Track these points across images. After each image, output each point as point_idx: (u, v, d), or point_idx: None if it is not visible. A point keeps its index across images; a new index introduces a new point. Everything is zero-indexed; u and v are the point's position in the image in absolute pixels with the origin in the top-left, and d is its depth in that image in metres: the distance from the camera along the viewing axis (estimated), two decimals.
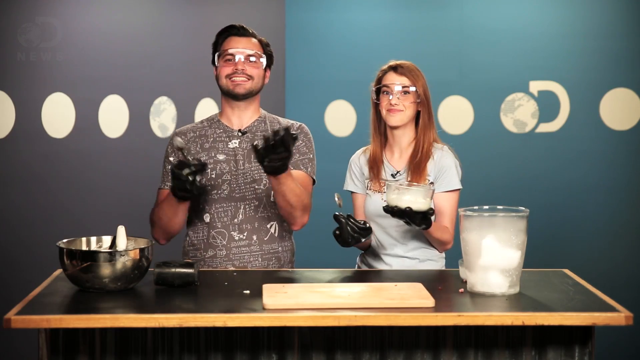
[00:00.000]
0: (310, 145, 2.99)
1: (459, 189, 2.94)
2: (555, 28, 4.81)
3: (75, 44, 3.84)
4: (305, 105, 4.95)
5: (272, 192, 2.89)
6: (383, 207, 2.65)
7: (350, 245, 2.74)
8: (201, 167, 2.62)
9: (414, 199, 2.59)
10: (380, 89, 2.94)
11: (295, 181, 2.74)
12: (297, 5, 4.95)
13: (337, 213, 2.71)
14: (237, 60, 2.87)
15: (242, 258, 2.88)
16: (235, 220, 2.88)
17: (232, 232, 2.88)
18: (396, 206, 2.60)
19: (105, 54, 3.98)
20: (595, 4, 4.78)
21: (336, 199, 2.71)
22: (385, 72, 2.95)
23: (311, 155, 2.98)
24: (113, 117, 4.04)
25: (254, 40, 2.94)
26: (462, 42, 4.86)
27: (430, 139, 2.95)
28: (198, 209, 2.91)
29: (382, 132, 3.00)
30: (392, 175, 2.96)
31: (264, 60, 2.92)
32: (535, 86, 4.83)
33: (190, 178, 2.60)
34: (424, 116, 2.95)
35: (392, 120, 2.91)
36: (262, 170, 2.82)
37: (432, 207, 2.65)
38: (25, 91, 3.63)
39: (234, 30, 2.93)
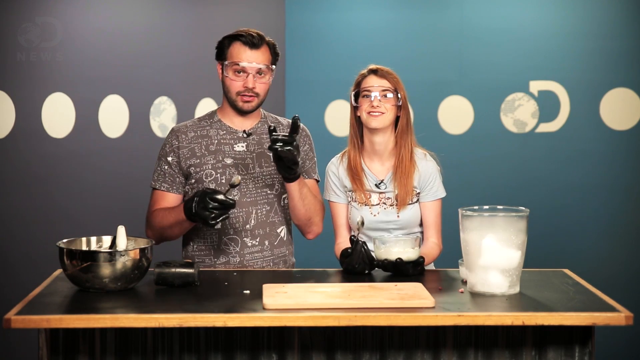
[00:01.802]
0: (314, 147, 3.01)
1: (443, 197, 2.96)
2: (555, 28, 4.81)
3: (75, 44, 3.84)
4: (305, 105, 4.95)
5: (287, 200, 2.87)
6: (374, 262, 2.63)
7: (353, 271, 2.64)
8: (230, 207, 2.56)
9: (403, 250, 2.60)
10: (359, 93, 2.91)
11: (309, 188, 2.84)
12: (297, 6, 4.95)
13: (354, 235, 2.68)
14: (247, 76, 2.80)
15: (256, 264, 2.87)
16: (247, 226, 2.86)
17: (245, 239, 2.85)
18: (386, 259, 2.60)
19: (105, 54, 3.98)
20: (595, 4, 4.78)
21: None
22: (364, 76, 2.92)
23: (315, 158, 3.01)
24: (113, 117, 4.04)
25: (264, 49, 2.83)
26: (462, 42, 4.86)
27: (409, 144, 2.92)
28: None
29: (360, 140, 2.96)
30: (376, 185, 2.93)
31: (273, 67, 2.86)
32: (535, 86, 4.83)
33: (215, 212, 2.55)
34: (402, 120, 2.92)
35: (374, 122, 2.87)
36: (275, 175, 2.88)
37: (421, 255, 2.66)
38: (25, 91, 3.62)
39: (245, 39, 2.80)
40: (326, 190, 3.02)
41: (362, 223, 2.73)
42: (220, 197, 2.55)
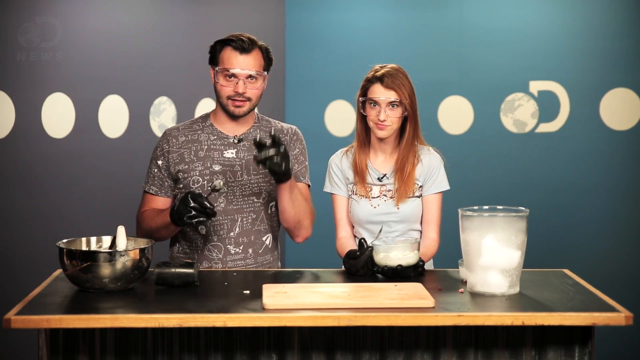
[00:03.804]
0: (305, 152, 2.99)
1: (446, 190, 2.95)
2: (555, 28, 4.81)
3: (75, 44, 3.84)
4: (305, 105, 4.95)
5: (277, 204, 2.85)
6: (374, 269, 2.62)
7: (355, 274, 2.64)
8: (209, 214, 2.58)
9: (402, 254, 2.59)
10: (366, 101, 2.89)
11: (300, 190, 2.81)
12: (297, 6, 4.95)
13: (363, 239, 2.67)
14: (238, 81, 2.78)
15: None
16: (232, 234, 2.85)
17: (229, 246, 2.85)
18: (386, 265, 2.59)
19: (105, 54, 3.98)
20: (595, 4, 4.78)
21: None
22: (371, 83, 2.88)
23: (307, 162, 2.99)
24: (113, 117, 4.04)
25: (255, 54, 2.81)
26: (462, 42, 4.86)
27: (415, 152, 2.92)
28: None
29: (367, 141, 2.96)
30: (378, 179, 2.94)
31: (265, 74, 2.84)
32: (535, 86, 4.83)
33: (192, 213, 2.57)
34: (409, 130, 2.90)
35: (381, 134, 2.88)
36: (263, 184, 2.86)
37: (421, 258, 2.64)
38: (25, 91, 3.62)
39: (236, 44, 2.79)
40: (328, 183, 3.01)
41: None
42: (202, 200, 2.57)
